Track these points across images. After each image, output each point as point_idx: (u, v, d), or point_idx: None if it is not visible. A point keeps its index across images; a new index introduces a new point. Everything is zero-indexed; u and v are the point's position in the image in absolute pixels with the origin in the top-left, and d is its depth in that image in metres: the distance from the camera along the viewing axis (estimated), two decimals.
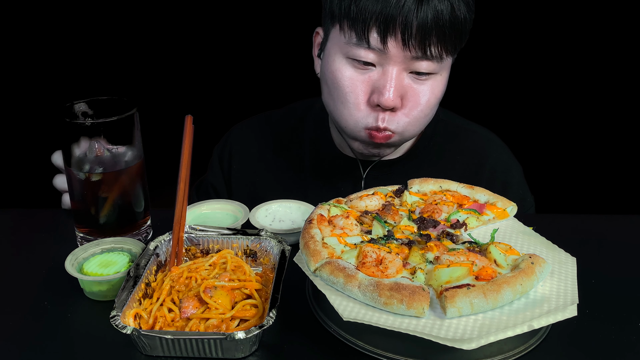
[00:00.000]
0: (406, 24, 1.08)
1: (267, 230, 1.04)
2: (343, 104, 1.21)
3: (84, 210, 1.08)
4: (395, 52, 1.12)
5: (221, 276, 0.92)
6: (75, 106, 1.09)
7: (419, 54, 1.11)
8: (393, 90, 1.14)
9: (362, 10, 1.10)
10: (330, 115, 1.29)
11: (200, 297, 0.88)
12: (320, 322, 0.88)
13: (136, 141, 1.08)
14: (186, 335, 0.80)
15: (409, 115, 1.19)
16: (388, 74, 1.14)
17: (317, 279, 0.88)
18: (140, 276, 0.91)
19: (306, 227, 0.96)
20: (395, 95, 1.14)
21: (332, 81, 1.21)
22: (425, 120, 1.24)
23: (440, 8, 1.09)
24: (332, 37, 1.21)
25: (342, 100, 1.20)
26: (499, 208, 1.07)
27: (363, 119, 1.19)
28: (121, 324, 0.81)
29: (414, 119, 1.20)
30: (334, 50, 1.20)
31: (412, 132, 1.24)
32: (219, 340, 0.80)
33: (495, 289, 0.81)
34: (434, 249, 0.91)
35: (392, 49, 1.11)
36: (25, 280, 1.03)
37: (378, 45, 1.11)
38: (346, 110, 1.21)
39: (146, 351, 0.83)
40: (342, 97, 1.20)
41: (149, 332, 0.81)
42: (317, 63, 1.32)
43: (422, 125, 1.25)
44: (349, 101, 1.19)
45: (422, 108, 1.19)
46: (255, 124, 1.54)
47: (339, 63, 1.19)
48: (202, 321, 0.86)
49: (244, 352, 0.82)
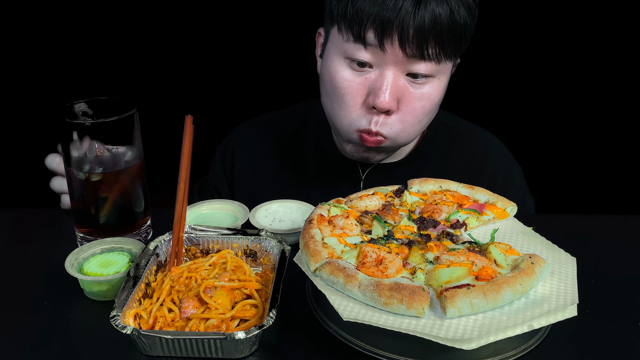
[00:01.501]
0: (403, 27, 1.08)
1: (267, 231, 1.03)
2: (339, 105, 1.21)
3: (84, 210, 1.08)
4: (392, 53, 1.11)
5: (221, 276, 0.92)
6: (75, 106, 1.09)
7: (416, 54, 1.11)
8: (389, 92, 1.13)
9: (359, 11, 1.10)
10: (327, 115, 1.30)
11: (200, 297, 0.88)
12: (320, 322, 0.88)
13: (136, 141, 1.08)
14: (186, 335, 0.80)
15: (403, 121, 1.18)
16: (385, 76, 1.13)
17: (317, 279, 0.88)
18: (140, 276, 0.91)
19: (306, 227, 0.96)
20: (391, 97, 1.14)
21: (329, 81, 1.21)
22: (420, 127, 1.23)
23: (439, 12, 1.08)
24: (332, 37, 1.21)
25: (339, 100, 1.20)
26: (499, 208, 1.07)
27: (357, 120, 1.19)
28: (121, 324, 0.81)
29: (408, 124, 1.19)
30: (333, 50, 1.20)
31: (405, 139, 1.23)
32: (219, 341, 0.80)
33: (495, 289, 0.81)
34: (434, 249, 0.91)
35: (389, 50, 1.11)
36: (25, 280, 1.03)
37: (375, 46, 1.11)
38: (342, 111, 1.21)
39: (146, 351, 0.83)
40: (339, 97, 1.20)
41: (148, 332, 0.81)
42: (319, 63, 1.32)
43: (416, 132, 1.24)
44: (345, 102, 1.19)
45: (417, 113, 1.18)
46: (258, 125, 1.54)
47: (337, 64, 1.19)
48: (202, 321, 0.86)
49: (243, 352, 0.82)
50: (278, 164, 1.47)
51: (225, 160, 1.52)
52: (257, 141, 1.50)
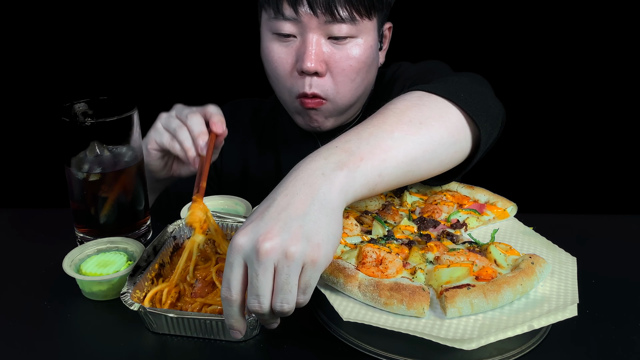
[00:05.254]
0: None
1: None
2: (276, 78, 1.28)
3: (84, 210, 1.08)
4: (308, 20, 1.18)
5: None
6: (75, 106, 1.09)
7: (329, 18, 1.17)
8: (313, 56, 1.20)
9: None
10: (275, 93, 1.36)
11: (213, 282, 0.92)
12: (320, 322, 0.88)
13: (136, 141, 1.08)
14: (189, 315, 0.84)
15: (335, 82, 1.24)
16: (306, 41, 1.21)
17: None
18: (155, 257, 0.95)
19: None
20: (317, 60, 1.20)
21: (264, 58, 1.30)
22: (354, 85, 1.27)
23: None
24: (262, 19, 1.30)
25: (274, 74, 1.28)
26: (499, 208, 1.07)
27: (293, 87, 1.26)
28: (130, 301, 0.85)
29: (340, 84, 1.25)
30: (264, 30, 1.28)
31: (343, 98, 1.27)
32: (220, 322, 0.83)
33: (495, 289, 0.81)
34: (434, 249, 0.91)
35: (305, 17, 1.18)
36: (25, 280, 1.03)
37: (292, 16, 1.19)
38: (279, 83, 1.28)
39: (153, 328, 0.87)
40: (273, 70, 1.27)
41: (154, 309, 0.84)
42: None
43: (352, 91, 1.28)
44: (278, 73, 1.26)
45: (347, 73, 1.24)
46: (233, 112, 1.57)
47: (267, 41, 1.27)
48: (205, 306, 0.90)
49: (244, 336, 0.84)
50: (257, 151, 1.51)
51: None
52: (235, 127, 1.53)
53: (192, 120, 1.12)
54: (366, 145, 0.84)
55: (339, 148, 0.84)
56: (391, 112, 0.91)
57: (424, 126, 0.90)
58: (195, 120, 1.12)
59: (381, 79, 1.44)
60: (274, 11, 1.21)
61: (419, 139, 0.89)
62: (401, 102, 0.94)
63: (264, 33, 1.29)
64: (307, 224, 0.74)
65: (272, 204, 0.77)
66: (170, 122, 1.15)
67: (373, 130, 0.87)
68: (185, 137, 1.11)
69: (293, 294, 0.74)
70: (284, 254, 0.71)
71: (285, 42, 1.24)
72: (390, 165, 0.85)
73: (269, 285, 0.73)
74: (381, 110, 0.93)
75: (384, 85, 1.44)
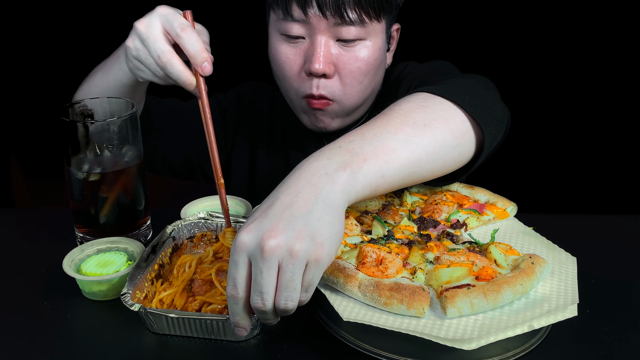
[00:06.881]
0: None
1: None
2: (283, 78, 1.28)
3: (84, 210, 1.08)
4: (317, 22, 1.18)
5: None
6: (75, 106, 1.09)
7: (338, 20, 1.17)
8: (322, 57, 1.19)
9: None
10: (282, 93, 1.35)
11: (211, 281, 0.92)
12: (320, 322, 0.88)
13: (136, 141, 1.08)
14: (189, 315, 0.84)
15: (343, 83, 1.24)
16: (315, 43, 1.20)
17: None
18: (155, 257, 0.95)
19: None
20: (325, 62, 1.20)
21: (272, 58, 1.29)
22: (361, 87, 1.27)
23: None
24: (270, 19, 1.29)
25: (281, 74, 1.28)
26: (499, 208, 1.07)
27: (300, 87, 1.26)
28: (130, 302, 0.84)
29: (348, 86, 1.25)
30: (272, 30, 1.28)
31: (352, 100, 1.28)
32: (221, 322, 0.83)
33: (495, 289, 0.81)
34: (434, 249, 0.91)
35: (314, 19, 1.17)
36: (25, 280, 1.03)
37: (301, 17, 1.18)
38: (286, 83, 1.28)
39: (153, 329, 0.87)
40: (281, 70, 1.27)
41: (154, 310, 0.84)
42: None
43: (360, 92, 1.28)
44: (285, 73, 1.26)
45: (354, 75, 1.24)
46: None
47: (275, 41, 1.26)
48: (205, 305, 0.90)
49: (245, 335, 0.84)
50: (267, 146, 1.50)
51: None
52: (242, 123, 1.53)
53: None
54: (369, 146, 0.84)
55: (342, 148, 0.83)
56: (396, 114, 0.91)
57: (428, 128, 0.90)
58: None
59: (387, 78, 1.44)
60: (282, 12, 1.20)
61: (422, 141, 0.89)
62: (406, 104, 0.94)
63: (272, 33, 1.28)
64: (311, 222, 0.74)
65: (275, 202, 0.76)
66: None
67: (377, 131, 0.87)
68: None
69: (297, 291, 0.73)
70: (288, 252, 0.71)
71: (294, 44, 1.23)
72: (393, 166, 0.85)
73: (272, 283, 0.73)
74: (386, 111, 0.93)
75: (390, 85, 1.44)
